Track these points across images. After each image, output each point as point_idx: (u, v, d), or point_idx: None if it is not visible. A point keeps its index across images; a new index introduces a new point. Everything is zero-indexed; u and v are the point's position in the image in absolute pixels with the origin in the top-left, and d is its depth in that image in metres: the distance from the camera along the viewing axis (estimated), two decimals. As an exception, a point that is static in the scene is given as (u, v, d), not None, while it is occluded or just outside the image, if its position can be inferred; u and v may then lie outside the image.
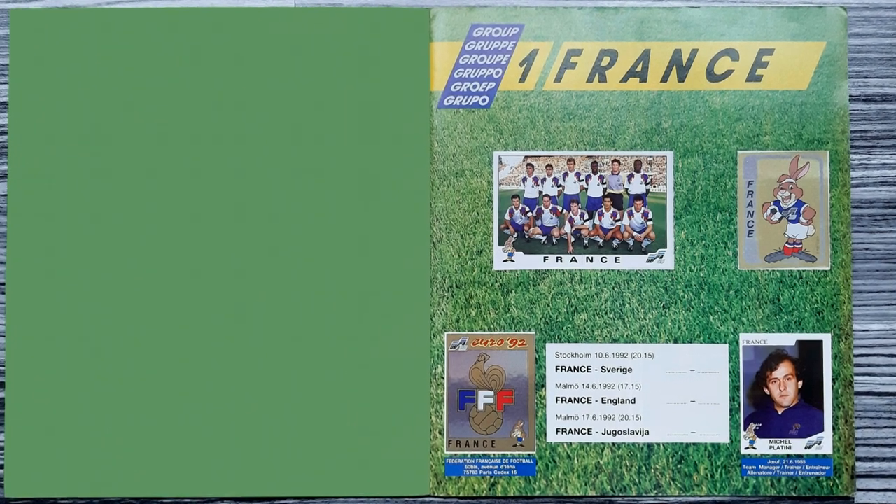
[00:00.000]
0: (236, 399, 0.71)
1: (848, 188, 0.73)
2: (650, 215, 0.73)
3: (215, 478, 0.71)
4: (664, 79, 0.73)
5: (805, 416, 0.72)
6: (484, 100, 0.73)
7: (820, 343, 0.72)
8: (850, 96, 0.74)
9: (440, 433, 0.71)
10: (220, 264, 0.72)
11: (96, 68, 0.72)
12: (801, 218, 0.72)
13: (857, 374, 0.72)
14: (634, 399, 0.72)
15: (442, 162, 0.73)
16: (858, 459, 0.72)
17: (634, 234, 0.73)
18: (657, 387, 0.72)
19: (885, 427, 0.72)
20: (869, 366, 0.72)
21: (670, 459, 0.71)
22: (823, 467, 0.71)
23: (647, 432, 0.71)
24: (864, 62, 0.74)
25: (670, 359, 0.72)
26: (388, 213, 0.72)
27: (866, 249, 0.73)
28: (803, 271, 0.72)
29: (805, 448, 0.71)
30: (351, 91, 0.72)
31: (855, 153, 0.74)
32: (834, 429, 0.71)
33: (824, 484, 0.71)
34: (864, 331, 0.73)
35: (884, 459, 0.72)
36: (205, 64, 0.72)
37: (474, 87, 0.73)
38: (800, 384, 0.72)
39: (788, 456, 0.71)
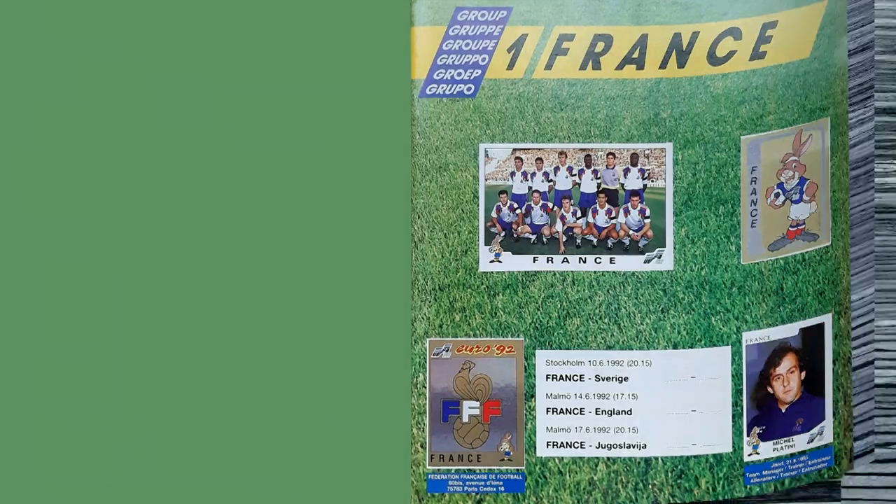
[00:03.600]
0: (196, 411, 0.70)
1: (846, 151, 0.72)
2: (648, 212, 0.72)
3: (177, 493, 0.70)
4: (663, 65, 0.72)
5: (807, 409, 0.72)
6: (469, 88, 0.72)
7: (822, 326, 0.72)
8: (849, 50, 0.72)
9: (422, 447, 0.71)
10: (179, 264, 0.71)
11: (56, 52, 0.71)
12: (804, 196, 0.72)
13: (854, 348, 0.73)
14: (631, 410, 0.71)
15: (424, 155, 0.72)
16: (855, 439, 0.73)
17: (631, 232, 0.72)
18: (655, 396, 0.71)
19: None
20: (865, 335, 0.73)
21: (669, 474, 0.70)
22: (824, 458, 0.71)
23: (645, 446, 0.71)
24: (863, 10, 0.73)
25: (669, 366, 0.71)
26: (365, 210, 0.71)
27: (862, 211, 0.73)
28: (806, 253, 0.72)
29: (808, 442, 0.71)
30: (326, 79, 0.71)
31: (853, 111, 0.73)
32: (834, 413, 0.71)
33: (825, 475, 0.72)
34: (860, 299, 0.72)
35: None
36: (171, 50, 0.71)
37: (458, 74, 0.72)
38: (803, 375, 0.72)
39: (791, 455, 0.71)
